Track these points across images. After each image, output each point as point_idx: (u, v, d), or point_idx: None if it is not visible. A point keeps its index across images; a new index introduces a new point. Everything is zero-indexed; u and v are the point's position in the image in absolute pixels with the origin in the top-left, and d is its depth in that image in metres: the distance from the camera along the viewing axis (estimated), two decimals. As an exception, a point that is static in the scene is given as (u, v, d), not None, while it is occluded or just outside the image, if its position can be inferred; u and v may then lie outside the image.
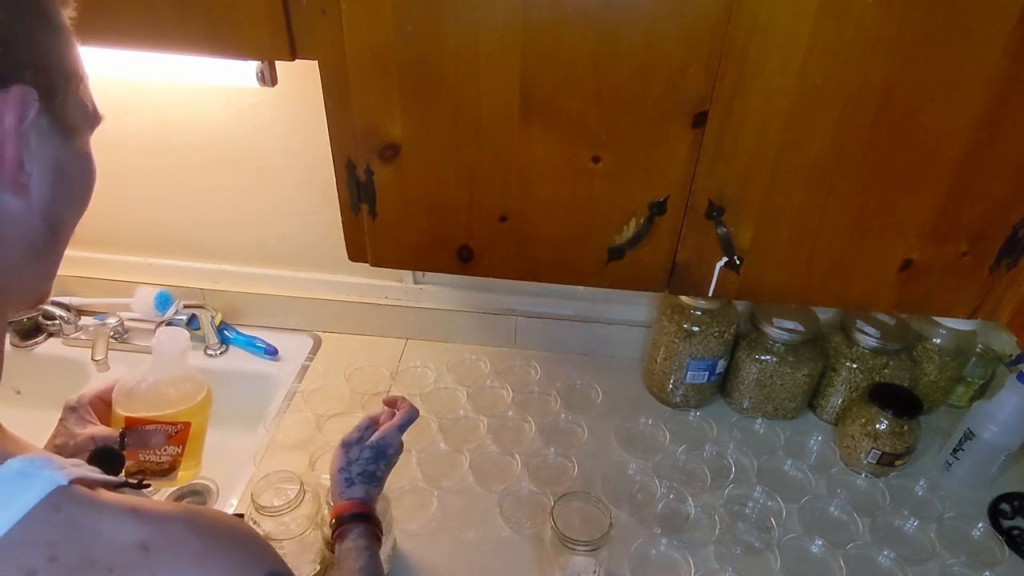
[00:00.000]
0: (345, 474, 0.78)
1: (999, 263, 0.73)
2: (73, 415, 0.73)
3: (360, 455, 0.79)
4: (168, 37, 0.66)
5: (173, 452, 0.75)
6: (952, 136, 0.65)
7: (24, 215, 0.41)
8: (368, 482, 0.78)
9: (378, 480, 0.80)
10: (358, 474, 0.78)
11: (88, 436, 0.70)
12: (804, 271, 0.76)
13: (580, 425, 1.18)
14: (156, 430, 0.73)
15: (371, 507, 0.77)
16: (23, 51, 0.39)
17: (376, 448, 0.80)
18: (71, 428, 0.71)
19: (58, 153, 0.42)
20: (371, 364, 1.29)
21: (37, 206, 0.41)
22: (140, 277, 1.30)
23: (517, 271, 0.80)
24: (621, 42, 0.62)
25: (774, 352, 1.13)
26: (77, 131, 0.44)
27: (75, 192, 0.45)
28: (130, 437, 0.72)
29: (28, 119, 0.38)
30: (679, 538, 0.98)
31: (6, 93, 0.37)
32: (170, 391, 0.76)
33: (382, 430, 0.81)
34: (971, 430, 1.04)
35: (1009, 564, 0.97)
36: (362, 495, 0.77)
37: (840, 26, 0.59)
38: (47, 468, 0.37)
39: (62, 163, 0.43)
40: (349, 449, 0.79)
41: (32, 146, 0.40)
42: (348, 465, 0.78)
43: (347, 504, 0.76)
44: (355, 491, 0.77)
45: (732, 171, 0.69)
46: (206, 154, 1.14)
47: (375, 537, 0.75)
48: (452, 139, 0.70)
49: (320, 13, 0.64)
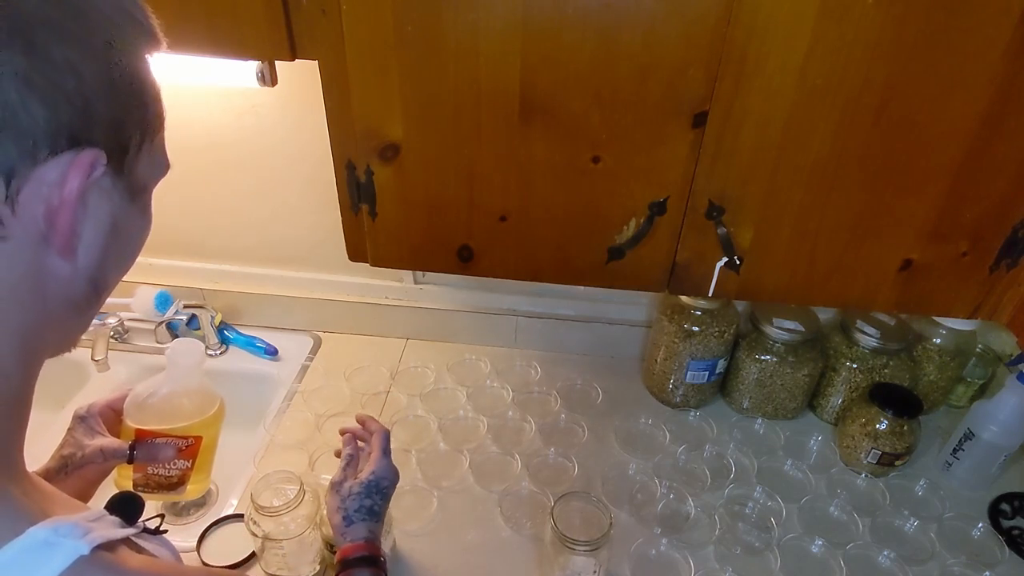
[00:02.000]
0: (342, 513, 0.74)
1: (999, 263, 0.73)
2: (82, 425, 0.71)
3: (352, 492, 0.75)
4: (168, 37, 0.66)
5: (183, 466, 0.74)
6: (952, 136, 0.65)
7: (70, 278, 0.39)
8: (368, 518, 0.74)
9: (378, 516, 0.76)
10: (355, 511, 0.74)
11: (97, 448, 0.69)
12: (804, 271, 0.76)
13: (580, 425, 1.18)
14: (166, 443, 0.72)
15: (377, 547, 0.73)
16: (101, 106, 0.36)
17: (368, 484, 0.76)
18: (80, 438, 0.70)
19: (116, 213, 0.40)
20: (371, 364, 1.29)
21: (85, 268, 0.39)
22: (140, 277, 1.30)
23: (517, 271, 0.80)
24: (621, 42, 0.62)
25: (774, 352, 1.13)
26: (144, 190, 0.42)
27: (125, 251, 0.43)
28: (139, 450, 0.71)
29: (92, 180, 0.36)
30: (679, 538, 0.98)
31: (77, 156, 0.35)
32: (183, 404, 0.75)
33: (370, 463, 0.77)
34: (971, 430, 1.04)
35: (1009, 564, 0.97)
36: (365, 534, 0.73)
37: (840, 26, 0.59)
38: (71, 537, 0.37)
39: (118, 223, 0.40)
40: (339, 489, 0.76)
41: (90, 207, 0.37)
42: (343, 504, 0.74)
43: (351, 547, 0.72)
44: (357, 530, 0.73)
45: (732, 171, 0.69)
46: (206, 154, 1.14)
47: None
48: (452, 139, 0.70)
49: (320, 13, 0.64)
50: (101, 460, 0.69)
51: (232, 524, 0.97)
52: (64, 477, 0.68)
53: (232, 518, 0.97)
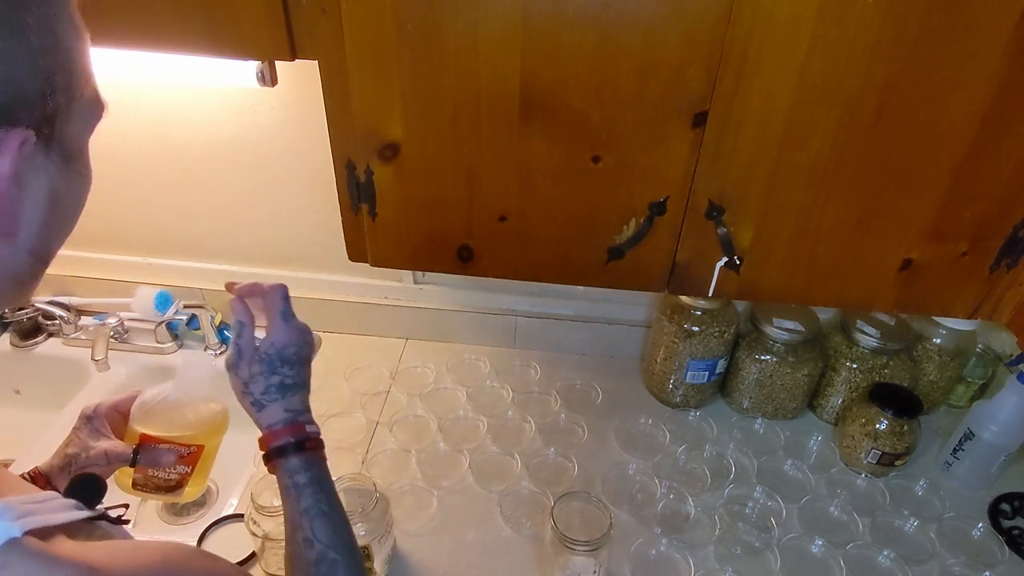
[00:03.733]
0: (250, 399, 0.65)
1: (999, 263, 0.73)
2: (88, 425, 0.72)
3: (252, 373, 0.65)
4: (167, 37, 0.66)
5: (182, 471, 0.75)
6: (952, 136, 0.65)
7: (11, 257, 0.38)
8: (281, 396, 0.65)
9: (294, 387, 0.67)
10: (261, 393, 0.65)
11: (101, 451, 0.69)
12: (804, 271, 0.76)
13: (580, 425, 1.18)
14: (169, 450, 0.73)
15: (299, 425, 0.65)
16: (27, 84, 0.35)
17: (267, 358, 0.66)
18: (85, 439, 0.70)
19: (54, 184, 0.39)
20: (371, 364, 1.29)
21: (25, 244, 0.38)
22: (140, 277, 1.30)
23: (517, 271, 0.80)
24: (621, 42, 0.62)
25: (774, 352, 1.13)
26: (80, 152, 0.41)
27: (67, 217, 0.42)
28: (143, 455, 0.72)
29: (22, 159, 0.35)
30: (679, 538, 0.98)
31: (4, 138, 0.34)
32: (188, 413, 0.76)
33: (267, 333, 0.67)
34: (971, 430, 1.04)
35: (1009, 564, 0.97)
36: (282, 416, 0.65)
37: (840, 26, 0.59)
38: (4, 518, 0.36)
39: (57, 192, 0.39)
40: (238, 370, 0.66)
41: (25, 186, 0.36)
42: (247, 389, 0.65)
43: (268, 434, 0.64)
44: (272, 414, 0.65)
45: (732, 171, 0.69)
46: (206, 154, 1.14)
47: (314, 464, 0.64)
48: (452, 139, 0.70)
49: (320, 12, 0.64)
50: (104, 463, 0.69)
51: (232, 524, 0.97)
52: (68, 476, 0.68)
53: (232, 518, 0.97)
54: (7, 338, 1.29)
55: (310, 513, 0.61)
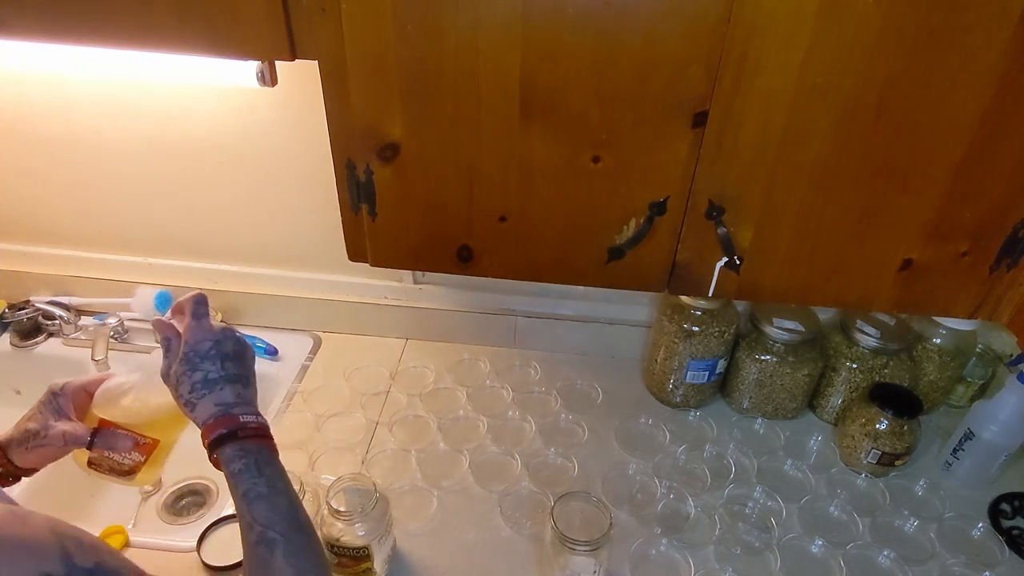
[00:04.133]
0: (182, 401, 0.67)
1: (999, 263, 0.73)
2: (53, 402, 0.75)
3: (178, 374, 0.67)
4: (167, 37, 0.66)
5: (137, 459, 0.78)
6: (952, 136, 0.65)
7: None
8: (209, 390, 0.66)
9: (220, 380, 0.67)
10: (189, 392, 0.66)
11: (59, 432, 0.73)
12: (804, 271, 0.76)
13: (580, 425, 1.18)
14: (126, 435, 0.76)
15: (231, 417, 0.65)
16: None
17: (186, 357, 0.67)
18: (46, 417, 0.73)
19: None
20: (371, 364, 1.29)
21: None
22: (140, 277, 1.30)
23: (517, 271, 0.80)
24: (621, 41, 0.62)
25: (774, 352, 1.13)
26: None
27: None
28: (99, 437, 0.75)
29: None
30: (679, 538, 0.98)
31: None
32: (149, 407, 0.77)
33: (183, 335, 0.69)
34: (971, 430, 1.04)
35: (1009, 564, 0.97)
36: (212, 410, 0.66)
37: (840, 26, 0.59)
38: None
39: None
40: (167, 378, 0.68)
41: None
42: (177, 392, 0.67)
43: (204, 430, 0.65)
44: (203, 410, 0.66)
45: (732, 171, 0.69)
46: (206, 154, 1.14)
47: (251, 451, 0.65)
48: (452, 139, 0.70)
49: (320, 12, 0.64)
50: (61, 444, 0.73)
51: (232, 524, 0.96)
52: (24, 451, 0.72)
53: (232, 518, 0.97)
54: (7, 338, 1.29)
55: (248, 497, 0.62)
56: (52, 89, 1.09)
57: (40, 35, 0.67)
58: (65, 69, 0.88)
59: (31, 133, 1.15)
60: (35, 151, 1.17)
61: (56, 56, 0.81)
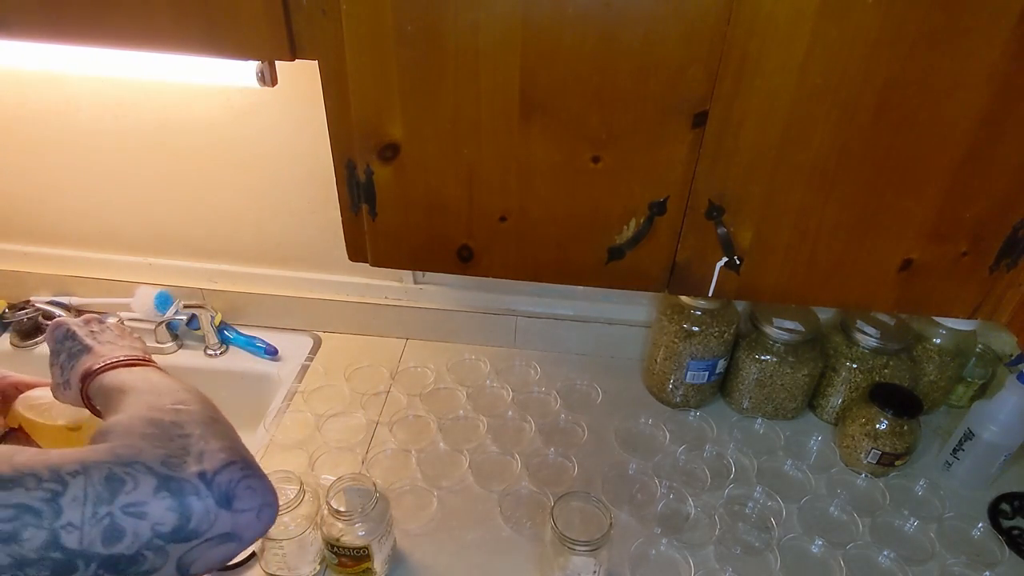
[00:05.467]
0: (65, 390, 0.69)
1: (999, 263, 0.73)
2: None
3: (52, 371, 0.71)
4: (167, 37, 0.66)
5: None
6: (952, 136, 0.65)
7: None
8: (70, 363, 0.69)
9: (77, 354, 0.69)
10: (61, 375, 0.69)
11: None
12: (804, 271, 0.76)
13: (580, 425, 1.18)
14: (32, 443, 0.76)
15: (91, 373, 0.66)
16: None
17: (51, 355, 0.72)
18: None
19: None
20: (371, 364, 1.29)
21: None
22: (140, 277, 1.30)
23: (517, 271, 0.80)
24: (621, 42, 0.62)
25: (774, 352, 1.13)
26: None
27: None
28: (9, 438, 0.75)
29: None
30: (679, 538, 0.98)
31: None
32: (56, 424, 0.77)
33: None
34: (971, 430, 1.04)
35: (1009, 564, 0.97)
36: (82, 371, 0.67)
37: (840, 26, 0.59)
38: None
39: None
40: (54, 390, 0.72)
41: None
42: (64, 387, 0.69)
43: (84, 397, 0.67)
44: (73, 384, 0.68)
45: (732, 171, 0.69)
46: (206, 154, 1.14)
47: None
48: (452, 139, 0.70)
49: (320, 13, 0.64)
50: None
51: (232, 524, 0.96)
52: None
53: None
54: (7, 338, 1.30)
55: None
56: (52, 89, 1.09)
57: (40, 35, 0.67)
58: (65, 69, 0.88)
59: (31, 133, 1.15)
60: (35, 151, 1.17)
61: (56, 56, 0.81)
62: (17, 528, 0.41)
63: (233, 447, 0.51)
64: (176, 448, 0.48)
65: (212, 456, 0.49)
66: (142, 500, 0.45)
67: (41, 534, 0.41)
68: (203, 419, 0.53)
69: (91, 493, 0.43)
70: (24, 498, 0.41)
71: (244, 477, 0.49)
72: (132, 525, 0.44)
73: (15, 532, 0.40)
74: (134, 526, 0.44)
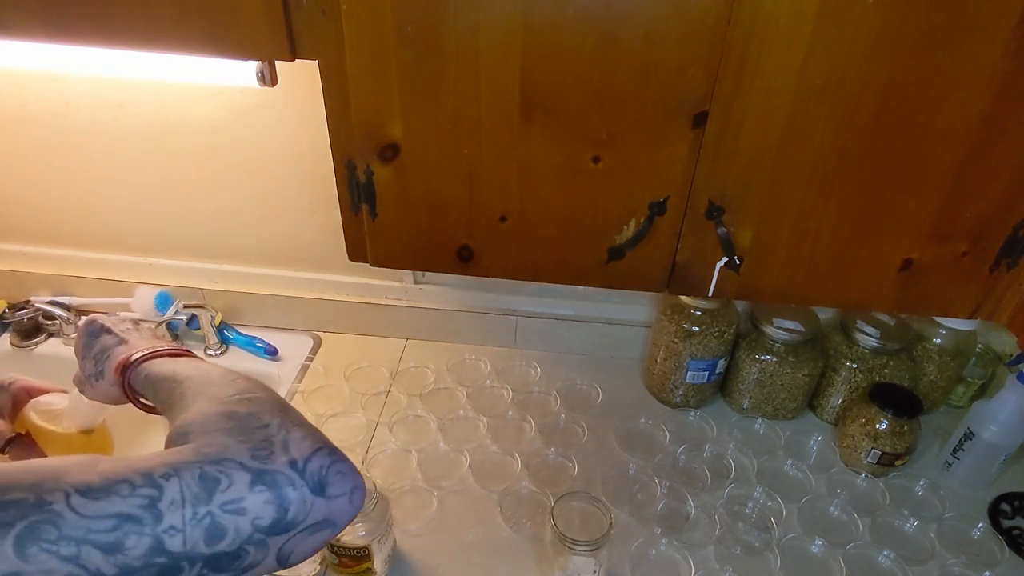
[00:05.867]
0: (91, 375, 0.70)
1: (999, 263, 0.73)
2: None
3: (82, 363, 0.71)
4: (167, 37, 0.66)
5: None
6: (952, 136, 0.65)
7: None
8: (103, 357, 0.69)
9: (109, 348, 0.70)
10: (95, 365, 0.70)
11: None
12: (804, 271, 0.76)
13: (580, 425, 1.18)
14: (40, 453, 0.75)
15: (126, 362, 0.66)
16: None
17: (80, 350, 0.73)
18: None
19: None
20: (371, 364, 1.29)
21: None
22: (140, 277, 1.30)
23: (517, 271, 0.80)
24: (621, 42, 0.62)
25: (774, 352, 1.13)
26: None
27: None
28: (13, 446, 0.74)
29: None
30: (679, 538, 0.98)
31: None
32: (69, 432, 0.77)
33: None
34: (971, 430, 1.04)
35: (1009, 564, 0.97)
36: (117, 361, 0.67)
37: (840, 26, 0.59)
38: None
39: None
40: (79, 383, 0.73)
41: None
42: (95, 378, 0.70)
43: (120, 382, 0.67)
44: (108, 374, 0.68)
45: (732, 171, 0.69)
46: (206, 154, 1.14)
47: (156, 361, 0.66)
48: (452, 139, 0.70)
49: (320, 13, 0.64)
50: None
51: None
52: None
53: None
54: (7, 338, 1.29)
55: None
56: (52, 89, 1.09)
57: (40, 35, 0.67)
58: (65, 69, 0.88)
59: (31, 133, 1.15)
60: (35, 151, 1.17)
61: (56, 56, 0.81)
62: (120, 537, 0.40)
63: (314, 433, 0.51)
64: (260, 440, 0.48)
65: (298, 444, 0.48)
66: (240, 496, 0.44)
67: (145, 541, 0.41)
68: (275, 407, 0.52)
69: (188, 494, 0.43)
70: (122, 506, 0.41)
71: (333, 463, 0.49)
72: (232, 522, 0.44)
73: (118, 542, 0.40)
74: (235, 523, 0.44)
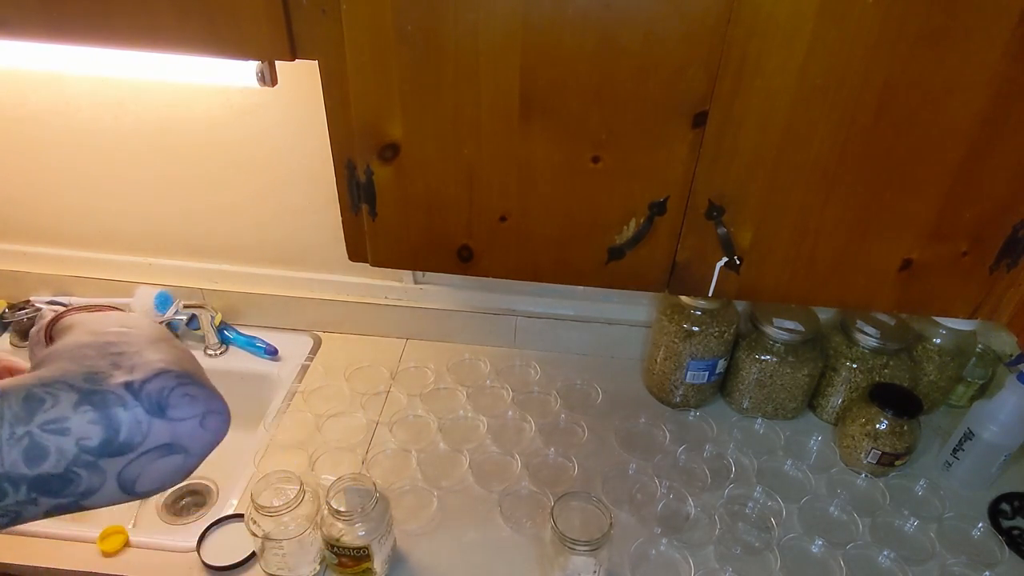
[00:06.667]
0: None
1: (999, 263, 0.73)
2: None
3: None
4: (167, 37, 0.66)
5: None
6: (952, 136, 0.65)
7: None
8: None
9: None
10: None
11: None
12: (804, 271, 0.76)
13: (580, 425, 1.18)
14: None
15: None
16: None
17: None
18: None
19: None
20: (371, 364, 1.29)
21: None
22: (140, 277, 1.30)
23: (517, 271, 0.80)
24: (621, 42, 0.62)
25: (774, 352, 1.13)
26: None
27: None
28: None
29: None
30: (679, 538, 0.98)
31: None
32: None
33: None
34: (971, 430, 1.04)
35: (1009, 564, 0.97)
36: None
37: (840, 26, 0.59)
38: None
39: None
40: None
41: None
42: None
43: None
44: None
45: (732, 171, 0.69)
46: (206, 154, 1.14)
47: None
48: (452, 139, 0.70)
49: (320, 13, 0.64)
50: None
51: (232, 524, 0.97)
52: None
53: (232, 518, 0.97)
54: (7, 338, 1.30)
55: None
56: (52, 88, 1.09)
57: (41, 35, 0.67)
58: (65, 69, 0.88)
59: (31, 133, 1.15)
60: (35, 151, 1.17)
61: (56, 56, 0.81)
62: None
63: (173, 359, 0.47)
64: (106, 364, 0.45)
65: (143, 367, 0.45)
66: (62, 416, 0.42)
67: None
68: (147, 337, 0.48)
69: (8, 414, 0.41)
70: None
71: (180, 385, 0.46)
72: (55, 442, 0.42)
73: None
74: (57, 443, 0.42)
